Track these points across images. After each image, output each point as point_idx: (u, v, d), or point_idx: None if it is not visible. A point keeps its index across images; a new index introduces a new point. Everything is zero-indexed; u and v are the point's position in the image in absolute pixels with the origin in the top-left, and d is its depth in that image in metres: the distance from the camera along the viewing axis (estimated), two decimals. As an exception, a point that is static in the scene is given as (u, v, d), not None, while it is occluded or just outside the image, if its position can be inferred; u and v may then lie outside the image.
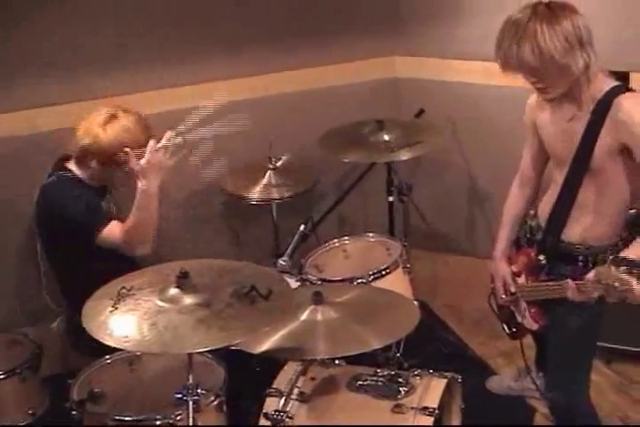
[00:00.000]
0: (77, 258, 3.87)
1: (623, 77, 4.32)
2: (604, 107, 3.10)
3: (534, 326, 3.58)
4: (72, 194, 3.83)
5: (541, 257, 3.41)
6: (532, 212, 3.57)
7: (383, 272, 4.04)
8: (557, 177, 3.36)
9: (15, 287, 4.62)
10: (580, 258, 3.33)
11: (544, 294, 3.36)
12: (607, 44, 4.47)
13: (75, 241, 3.80)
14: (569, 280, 3.13)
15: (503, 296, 3.65)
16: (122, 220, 3.85)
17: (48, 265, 4.06)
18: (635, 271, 2.82)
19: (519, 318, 3.66)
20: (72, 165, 3.90)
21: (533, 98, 3.40)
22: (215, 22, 4.72)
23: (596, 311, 3.33)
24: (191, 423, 2.94)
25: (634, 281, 2.80)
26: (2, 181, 4.40)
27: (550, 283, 3.31)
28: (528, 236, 3.55)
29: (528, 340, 3.87)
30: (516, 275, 3.59)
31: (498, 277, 3.68)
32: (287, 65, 4.99)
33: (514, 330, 3.79)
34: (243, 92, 4.87)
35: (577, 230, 3.32)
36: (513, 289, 3.61)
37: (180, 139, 3.87)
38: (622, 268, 2.84)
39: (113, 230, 3.77)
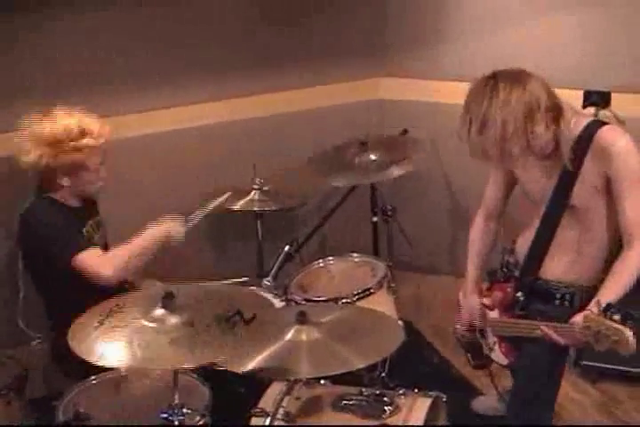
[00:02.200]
0: (60, 281, 3.83)
1: (605, 97, 4.40)
2: (584, 141, 3.10)
3: (504, 361, 3.60)
4: (52, 215, 3.79)
5: (519, 294, 3.41)
6: (508, 247, 3.57)
7: (367, 292, 4.04)
8: (534, 215, 3.36)
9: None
10: (558, 296, 3.34)
11: (518, 331, 3.35)
12: (589, 66, 4.57)
13: (54, 263, 3.77)
14: (542, 324, 3.13)
15: (463, 328, 3.68)
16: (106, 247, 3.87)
17: (34, 288, 4.04)
18: (628, 322, 2.78)
19: (486, 351, 3.69)
20: (47, 191, 3.87)
21: None
22: (199, 44, 4.74)
23: (560, 349, 3.31)
24: (176, 444, 2.94)
25: (627, 331, 2.76)
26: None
27: (525, 321, 3.31)
28: (505, 270, 3.56)
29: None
30: (488, 308, 3.59)
31: (466, 310, 3.69)
32: (272, 87, 5.01)
33: (477, 361, 3.82)
34: (227, 113, 4.90)
35: (555, 268, 3.33)
36: (477, 323, 3.62)
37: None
38: (615, 316, 2.80)
39: (90, 256, 3.71)
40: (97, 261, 3.69)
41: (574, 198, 3.17)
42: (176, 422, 2.97)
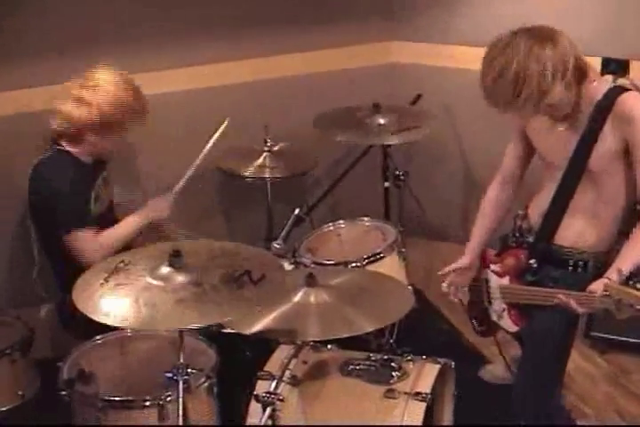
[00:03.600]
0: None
1: (623, 65, 4.33)
2: (604, 107, 3.06)
3: (513, 329, 3.55)
4: (62, 176, 3.77)
5: (532, 261, 3.36)
6: (521, 212, 3.50)
7: (378, 256, 4.01)
8: (550, 180, 3.32)
9: (5, 269, 4.58)
10: (571, 262, 3.30)
11: (532, 299, 3.31)
12: (607, 33, 4.49)
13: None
14: (560, 292, 3.09)
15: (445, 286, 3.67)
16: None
17: (40, 246, 4.02)
18: None
19: (494, 318, 3.64)
20: (65, 143, 3.84)
21: None
22: (211, 6, 4.68)
23: (573, 316, 3.28)
24: (181, 404, 2.91)
25: None
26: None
27: (542, 289, 3.26)
28: (517, 235, 3.50)
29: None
30: (498, 275, 3.55)
31: (465, 272, 3.66)
32: (284, 49, 4.96)
33: (483, 328, 3.78)
34: (239, 75, 4.86)
35: (570, 234, 3.29)
36: (460, 282, 3.65)
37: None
38: (638, 285, 2.77)
39: (82, 239, 3.73)
40: (85, 246, 3.73)
41: (592, 162, 3.13)
42: (181, 382, 2.92)
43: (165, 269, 2.85)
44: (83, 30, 4.39)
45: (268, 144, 4.65)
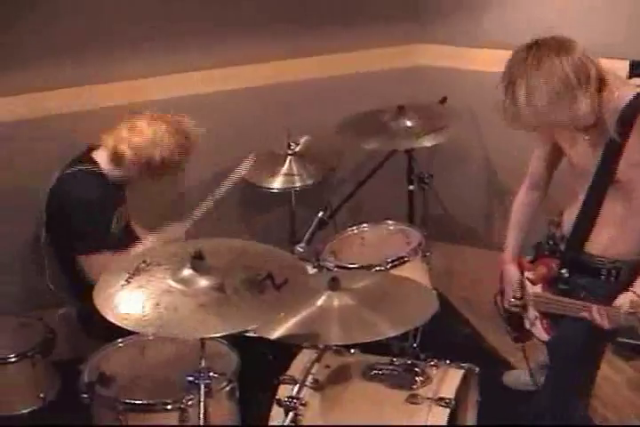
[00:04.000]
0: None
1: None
2: (629, 116, 3.02)
3: (545, 337, 3.53)
4: (89, 194, 3.76)
5: (564, 271, 3.35)
6: (556, 219, 3.50)
7: (401, 260, 3.99)
8: (579, 188, 3.30)
9: (22, 272, 4.58)
10: (603, 271, 3.28)
11: (562, 309, 3.30)
12: (636, 35, 4.44)
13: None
14: (594, 306, 3.06)
15: (512, 300, 3.58)
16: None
17: (53, 252, 4.01)
18: None
19: (527, 325, 3.61)
20: (101, 157, 3.83)
21: None
22: (233, 5, 4.66)
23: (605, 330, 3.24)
24: (202, 408, 2.88)
25: None
26: (8, 165, 4.34)
27: (573, 301, 3.23)
28: (551, 243, 3.49)
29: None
30: (532, 282, 3.53)
31: (507, 281, 3.62)
32: (306, 52, 4.92)
33: (517, 334, 3.75)
34: (260, 78, 4.83)
35: (600, 243, 3.27)
36: (519, 295, 3.54)
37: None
38: None
39: (98, 263, 3.69)
40: (98, 271, 3.57)
41: (619, 172, 3.10)
42: (202, 386, 2.90)
43: (187, 272, 2.81)
44: (98, 33, 4.38)
45: (292, 148, 4.61)
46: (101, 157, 3.83)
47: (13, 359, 3.98)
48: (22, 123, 4.30)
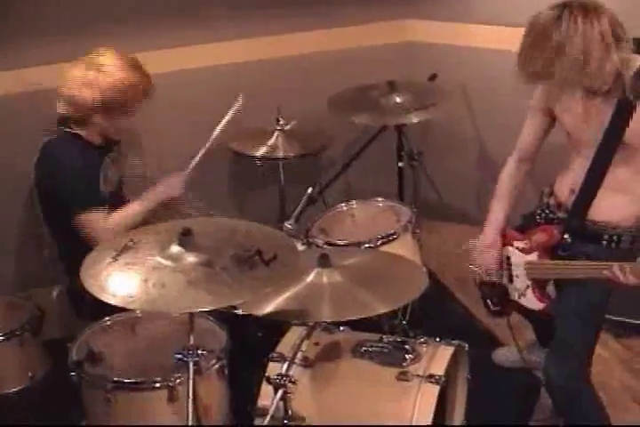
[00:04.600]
0: (72, 222, 3.77)
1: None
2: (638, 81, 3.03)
3: (538, 306, 3.52)
4: (72, 156, 3.72)
5: (566, 236, 3.33)
6: (546, 189, 3.51)
7: (391, 237, 3.97)
8: (579, 156, 3.29)
9: (14, 251, 4.57)
10: (605, 237, 3.27)
11: (569, 273, 3.29)
12: (633, 13, 4.40)
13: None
14: (615, 264, 3.05)
15: (479, 269, 3.63)
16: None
17: (48, 228, 3.98)
18: None
19: (515, 297, 3.60)
20: (73, 126, 3.78)
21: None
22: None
23: (606, 290, 3.27)
24: (191, 386, 2.87)
25: None
26: (6, 139, 4.33)
27: (590, 262, 3.21)
28: (546, 212, 3.48)
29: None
30: (524, 251, 3.52)
31: (483, 249, 3.64)
32: (298, 26, 4.90)
33: (498, 308, 3.74)
34: (251, 53, 4.81)
35: (604, 209, 3.26)
36: (491, 263, 3.61)
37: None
38: None
39: (95, 219, 3.69)
40: (97, 227, 3.68)
41: (628, 136, 3.10)
42: (191, 364, 2.88)
43: (175, 249, 2.79)
44: (93, 8, 4.34)
45: (281, 123, 4.60)
46: (72, 125, 3.78)
47: (1, 338, 3.96)
48: (10, 97, 4.27)
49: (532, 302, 3.52)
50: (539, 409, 3.93)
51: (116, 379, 3.16)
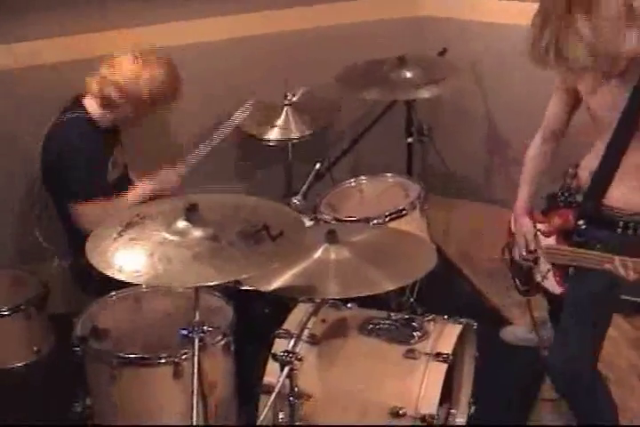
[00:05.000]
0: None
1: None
2: None
3: (557, 290, 3.48)
4: (81, 141, 3.70)
5: (581, 222, 3.27)
6: (571, 171, 3.41)
7: (400, 213, 3.94)
8: (600, 139, 3.21)
9: (15, 224, 4.54)
10: (620, 224, 3.19)
11: (579, 261, 3.23)
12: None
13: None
14: (616, 257, 2.99)
15: (524, 253, 3.54)
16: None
17: (52, 203, 3.96)
18: None
19: (538, 279, 3.57)
20: (90, 103, 3.76)
21: None
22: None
23: (613, 281, 3.19)
24: (196, 362, 2.84)
25: None
26: (4, 115, 4.26)
27: (594, 253, 3.14)
28: (566, 195, 3.42)
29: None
30: (544, 234, 3.48)
31: (519, 234, 3.57)
32: (307, 0, 4.84)
33: (526, 288, 3.71)
34: (260, 27, 4.75)
35: (620, 195, 3.18)
36: (533, 247, 3.51)
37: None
38: None
39: (93, 211, 3.66)
40: (90, 219, 3.61)
41: None
42: (196, 340, 2.86)
43: (182, 224, 2.76)
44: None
45: (289, 98, 4.56)
46: (90, 103, 3.76)
47: (7, 313, 3.96)
48: (15, 71, 4.21)
49: (552, 285, 3.49)
50: (546, 388, 3.91)
51: (120, 354, 3.14)
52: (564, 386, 3.47)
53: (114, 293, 3.48)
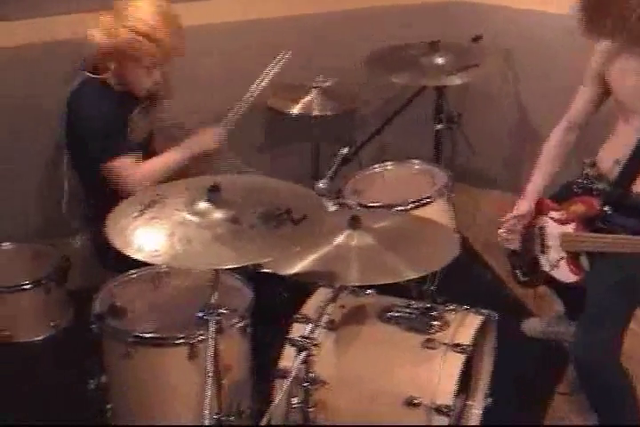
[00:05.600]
0: (100, 172, 3.71)
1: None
2: None
3: (571, 278, 3.45)
4: (99, 103, 3.66)
5: (607, 208, 3.27)
6: (587, 160, 3.42)
7: (426, 201, 3.91)
8: (628, 125, 3.21)
9: (40, 199, 4.54)
10: None
11: (599, 246, 3.20)
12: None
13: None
14: None
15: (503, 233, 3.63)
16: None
17: (77, 178, 3.93)
18: None
19: (546, 268, 3.53)
20: (95, 70, 3.71)
21: (606, 45, 3.21)
22: None
23: None
24: (211, 344, 2.83)
25: None
26: (20, 90, 4.27)
27: (629, 237, 3.13)
28: (585, 183, 3.39)
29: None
30: (560, 222, 3.45)
31: (523, 218, 3.57)
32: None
33: (527, 278, 3.68)
34: (290, 8, 4.74)
35: None
36: (505, 227, 3.61)
37: None
38: None
39: (124, 166, 3.63)
40: (125, 174, 3.62)
41: None
42: (212, 322, 2.84)
43: (203, 205, 2.74)
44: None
45: (318, 80, 4.53)
46: (103, 67, 3.69)
47: (27, 287, 3.98)
48: (37, 46, 4.21)
49: (564, 274, 3.46)
50: (565, 382, 3.88)
51: (136, 333, 3.12)
52: (588, 376, 3.43)
53: (134, 271, 3.46)
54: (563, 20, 3.41)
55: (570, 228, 3.41)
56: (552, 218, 3.48)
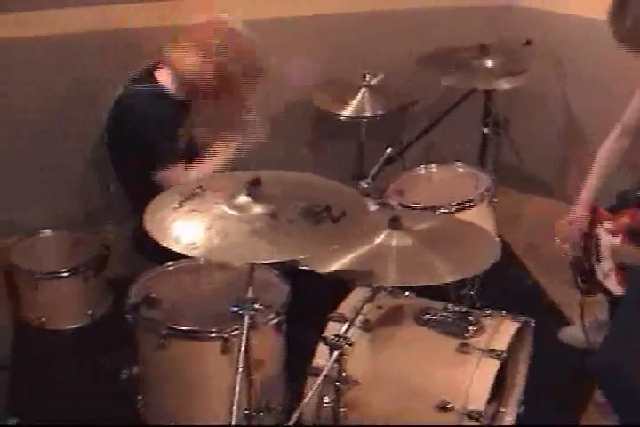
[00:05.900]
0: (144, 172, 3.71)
1: None
2: None
3: (618, 291, 3.40)
4: (156, 107, 3.65)
5: None
6: None
7: (468, 204, 3.89)
8: None
9: (81, 188, 4.54)
10: None
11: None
12: None
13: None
14: None
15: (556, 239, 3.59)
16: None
17: (115, 168, 3.95)
18: None
19: (600, 277, 3.49)
20: (161, 75, 3.72)
21: None
22: None
23: None
24: (244, 339, 2.81)
25: None
26: (86, 76, 4.27)
27: None
28: (639, 193, 3.36)
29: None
30: (611, 232, 3.41)
31: (576, 223, 3.53)
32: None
33: (587, 286, 3.64)
34: (341, 6, 4.70)
35: None
36: (560, 235, 3.58)
37: None
38: None
39: (176, 175, 3.63)
40: (177, 182, 3.54)
41: None
42: (246, 317, 2.83)
43: (243, 199, 2.73)
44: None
45: (367, 79, 4.51)
46: (162, 75, 3.72)
47: (65, 274, 3.99)
48: (94, 34, 4.20)
49: (613, 285, 3.42)
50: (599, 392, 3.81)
51: (170, 325, 3.13)
52: (610, 387, 3.38)
53: (171, 262, 3.46)
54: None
55: (618, 239, 3.37)
56: (605, 228, 3.44)
